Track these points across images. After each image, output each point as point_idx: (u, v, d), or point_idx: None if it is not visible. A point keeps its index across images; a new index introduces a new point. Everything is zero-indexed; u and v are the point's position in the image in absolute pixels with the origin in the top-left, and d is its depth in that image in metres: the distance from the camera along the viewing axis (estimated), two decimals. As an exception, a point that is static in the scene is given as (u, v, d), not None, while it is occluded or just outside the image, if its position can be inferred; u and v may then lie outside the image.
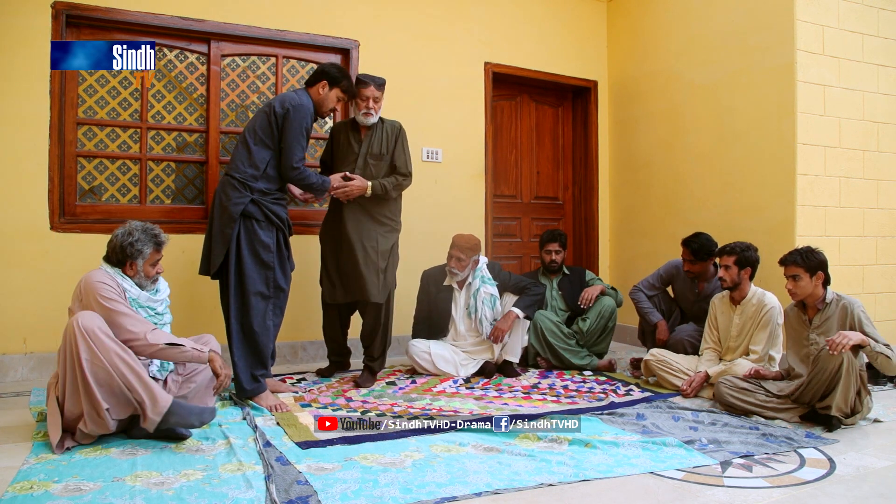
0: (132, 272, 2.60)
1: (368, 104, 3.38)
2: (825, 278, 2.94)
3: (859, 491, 2.11)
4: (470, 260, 3.76)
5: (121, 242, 2.57)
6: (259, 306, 3.03)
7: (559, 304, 4.18)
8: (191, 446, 2.39)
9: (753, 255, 3.34)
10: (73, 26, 3.67)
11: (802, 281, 2.93)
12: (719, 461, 2.34)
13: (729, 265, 3.32)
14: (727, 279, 3.34)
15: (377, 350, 3.51)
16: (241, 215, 3.00)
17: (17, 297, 3.48)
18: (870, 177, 4.08)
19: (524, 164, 5.18)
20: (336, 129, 3.60)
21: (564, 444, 2.48)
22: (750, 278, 3.36)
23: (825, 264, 2.94)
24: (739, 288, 3.36)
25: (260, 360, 3.04)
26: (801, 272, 2.93)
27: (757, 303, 3.33)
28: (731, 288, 3.36)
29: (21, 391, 3.22)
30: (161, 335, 2.48)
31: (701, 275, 3.76)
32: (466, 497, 1.99)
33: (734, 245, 3.34)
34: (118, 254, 2.58)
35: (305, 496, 1.95)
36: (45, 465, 2.16)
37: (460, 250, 3.74)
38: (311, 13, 4.20)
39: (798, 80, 3.81)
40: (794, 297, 2.99)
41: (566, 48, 5.14)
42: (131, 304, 2.54)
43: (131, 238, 2.58)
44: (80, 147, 3.72)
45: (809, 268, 2.92)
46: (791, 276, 2.96)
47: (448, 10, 4.65)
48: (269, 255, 3.06)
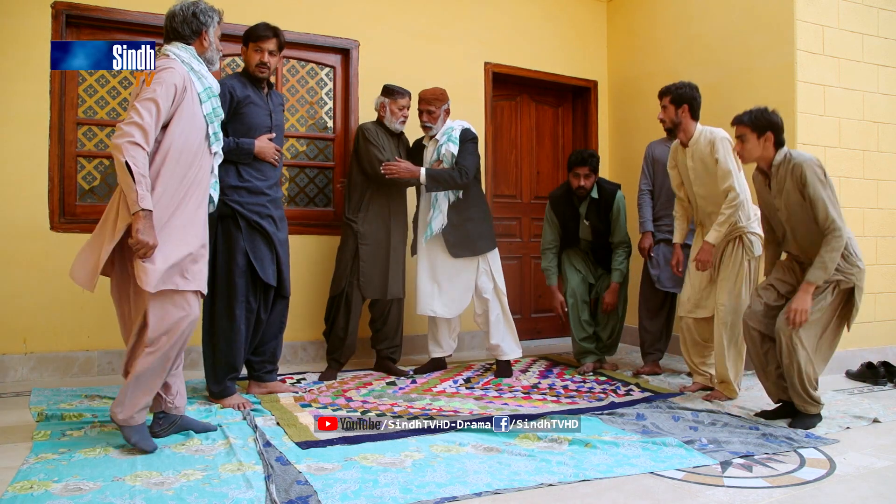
0: (203, 47, 2.36)
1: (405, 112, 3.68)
2: (776, 140, 2.78)
3: (859, 491, 2.11)
4: (440, 111, 3.70)
5: (189, 9, 2.32)
6: (219, 308, 2.98)
7: (586, 234, 3.93)
8: (191, 446, 2.39)
9: (689, 92, 3.23)
10: (73, 26, 3.67)
11: (749, 143, 2.80)
12: (719, 461, 2.34)
13: (665, 105, 3.27)
14: (666, 119, 3.29)
15: (399, 341, 3.80)
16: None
17: (17, 297, 3.48)
18: (870, 177, 4.08)
19: (524, 164, 5.18)
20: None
21: (564, 444, 2.48)
22: (693, 118, 3.26)
23: (776, 125, 2.77)
24: (682, 128, 3.26)
25: (227, 364, 2.99)
26: (746, 132, 2.80)
27: (704, 140, 3.20)
28: (670, 130, 3.30)
29: (21, 391, 3.22)
30: (140, 156, 2.14)
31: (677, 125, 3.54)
32: (466, 497, 1.99)
33: (668, 85, 3.30)
34: (190, 24, 2.33)
35: (305, 496, 1.95)
36: (44, 465, 2.16)
37: (427, 103, 3.70)
38: (311, 13, 4.20)
39: (798, 80, 3.81)
40: (743, 159, 2.89)
41: (566, 48, 5.14)
42: (206, 95, 2.35)
43: (196, 6, 2.34)
44: (80, 147, 3.72)
45: (756, 127, 2.78)
46: (738, 136, 2.86)
47: (448, 10, 4.65)
48: (221, 253, 2.96)
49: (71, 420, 2.67)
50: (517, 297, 5.08)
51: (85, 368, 3.61)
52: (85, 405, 2.90)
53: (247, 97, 3.00)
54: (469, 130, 3.71)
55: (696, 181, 3.27)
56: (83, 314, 3.60)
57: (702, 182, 3.25)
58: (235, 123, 2.98)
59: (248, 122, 3.00)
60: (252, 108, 3.02)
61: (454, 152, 3.64)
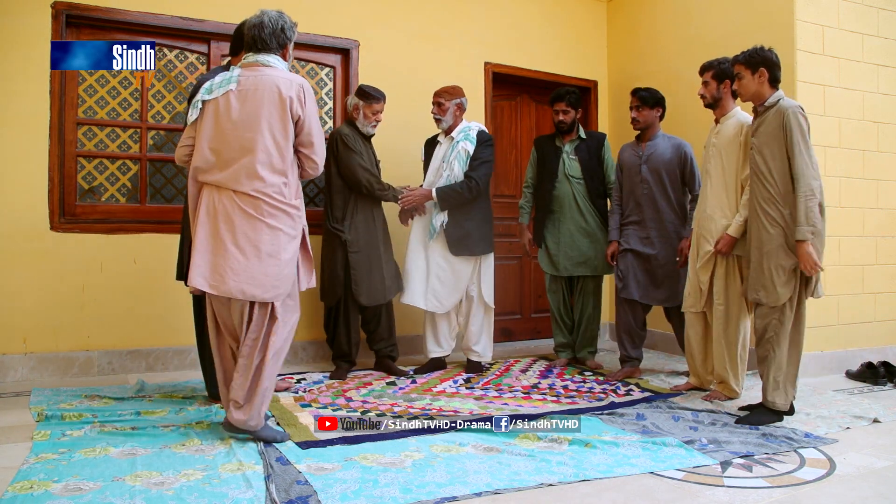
0: (285, 60, 2.44)
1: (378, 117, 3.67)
2: (770, 77, 2.81)
3: (859, 491, 2.11)
4: (450, 104, 3.73)
5: (277, 23, 2.39)
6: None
7: (574, 171, 3.96)
8: (191, 446, 2.39)
9: (731, 69, 3.14)
10: (73, 26, 3.67)
11: (745, 79, 2.85)
12: (719, 461, 2.34)
13: (707, 80, 3.24)
14: (707, 95, 3.25)
15: (395, 339, 3.83)
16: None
17: (17, 297, 3.48)
18: (870, 177, 4.08)
19: (524, 164, 5.17)
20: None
21: (564, 444, 2.48)
22: (732, 96, 3.21)
23: (770, 62, 2.80)
24: (721, 104, 3.24)
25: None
26: (742, 69, 2.85)
27: (734, 121, 3.17)
28: (711, 105, 3.27)
29: (21, 391, 3.22)
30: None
31: (647, 125, 3.69)
32: (466, 497, 1.99)
33: (710, 61, 3.26)
34: (279, 37, 2.41)
35: (305, 496, 1.95)
36: (45, 465, 2.16)
37: (437, 95, 3.75)
38: (311, 13, 4.20)
39: (798, 80, 3.81)
40: (741, 96, 2.91)
41: (566, 48, 5.14)
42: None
43: (282, 20, 2.42)
44: (80, 147, 3.72)
45: (750, 63, 2.81)
46: (735, 74, 2.90)
47: (448, 10, 4.65)
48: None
49: (71, 420, 2.67)
50: (517, 298, 5.08)
51: (85, 368, 3.61)
52: (85, 405, 2.90)
53: None
54: (485, 132, 3.78)
55: (714, 158, 3.22)
56: (83, 314, 3.60)
57: (717, 162, 3.21)
58: None
59: None
60: None
61: (470, 151, 3.67)
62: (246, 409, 2.38)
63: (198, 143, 2.41)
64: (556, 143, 4.05)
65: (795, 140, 2.70)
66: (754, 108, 2.93)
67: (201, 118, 2.41)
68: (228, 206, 2.34)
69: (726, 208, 3.15)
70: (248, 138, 2.33)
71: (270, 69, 2.39)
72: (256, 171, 2.32)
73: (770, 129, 2.79)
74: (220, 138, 2.36)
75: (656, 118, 3.74)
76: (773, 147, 2.78)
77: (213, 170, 2.37)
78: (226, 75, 2.42)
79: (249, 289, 2.32)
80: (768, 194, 2.80)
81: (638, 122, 3.71)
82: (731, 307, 3.15)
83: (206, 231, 2.36)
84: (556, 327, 4.14)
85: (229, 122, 2.35)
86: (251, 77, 2.37)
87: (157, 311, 3.75)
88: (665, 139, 3.74)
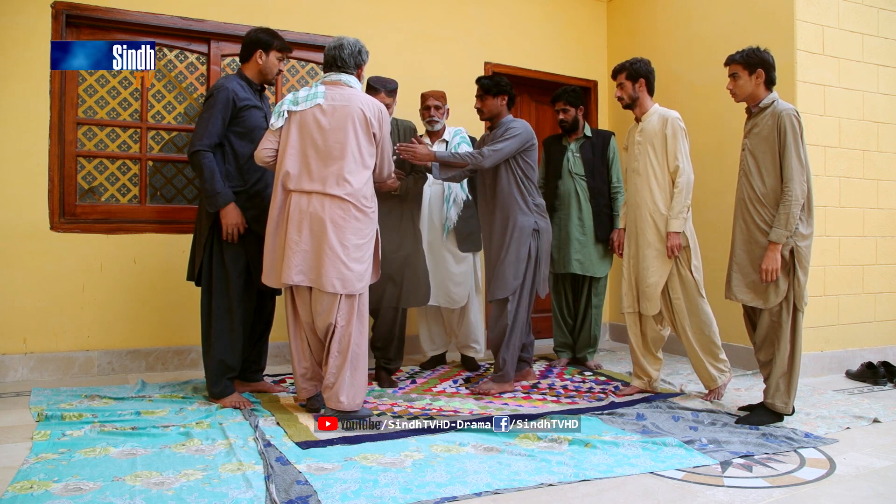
0: (360, 80, 2.78)
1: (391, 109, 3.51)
2: (767, 78, 2.82)
3: (859, 491, 2.11)
4: (445, 108, 3.77)
5: (356, 46, 2.75)
6: (218, 308, 2.97)
7: (577, 168, 3.98)
8: (191, 446, 2.39)
9: (644, 67, 3.22)
10: (73, 26, 3.67)
11: (741, 80, 2.85)
12: (719, 461, 2.34)
13: (622, 82, 3.26)
14: (624, 97, 3.27)
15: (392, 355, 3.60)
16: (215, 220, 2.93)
17: (17, 297, 3.48)
18: (870, 177, 4.08)
19: (524, 164, 5.17)
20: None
21: (564, 444, 2.48)
22: (649, 93, 3.26)
23: (768, 64, 2.80)
24: (639, 103, 3.25)
25: (226, 363, 2.98)
26: (738, 69, 2.85)
27: (658, 117, 3.19)
28: (630, 105, 3.28)
29: (21, 391, 3.22)
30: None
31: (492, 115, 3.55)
32: (466, 497, 1.99)
33: (621, 63, 3.29)
34: (356, 57, 2.76)
35: (305, 496, 1.95)
36: (45, 465, 2.16)
37: (434, 98, 3.73)
38: (310, 13, 4.20)
39: (798, 80, 3.81)
40: (735, 97, 2.91)
41: (566, 48, 5.14)
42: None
43: (359, 44, 2.77)
44: (80, 147, 3.72)
45: (748, 64, 2.81)
46: (731, 74, 2.89)
47: (448, 10, 4.65)
48: (219, 254, 2.97)
49: (71, 420, 2.67)
50: (517, 297, 5.08)
51: (85, 368, 3.61)
52: (85, 405, 2.90)
53: (247, 100, 3.00)
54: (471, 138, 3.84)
55: (641, 156, 3.22)
56: (83, 314, 3.60)
57: (645, 159, 3.21)
58: (235, 127, 2.97)
59: (247, 125, 2.99)
60: (252, 111, 3.01)
61: (468, 150, 3.64)
62: (348, 392, 2.66)
63: (284, 149, 2.69)
64: (563, 143, 4.08)
65: (788, 143, 2.72)
66: (747, 108, 2.93)
67: (287, 127, 2.71)
68: (318, 209, 2.63)
69: (660, 202, 3.16)
70: (337, 147, 2.65)
71: (352, 89, 2.73)
72: (345, 176, 2.64)
73: (764, 132, 2.80)
74: (311, 147, 2.66)
75: (502, 107, 3.53)
76: (765, 149, 2.79)
77: (303, 175, 2.66)
78: (310, 90, 2.72)
79: (341, 282, 2.62)
80: (756, 196, 2.82)
81: (482, 112, 3.52)
82: (688, 298, 3.15)
83: (297, 232, 2.64)
84: (556, 327, 4.14)
85: (319, 132, 2.66)
86: (336, 93, 2.70)
87: (157, 311, 3.75)
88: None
